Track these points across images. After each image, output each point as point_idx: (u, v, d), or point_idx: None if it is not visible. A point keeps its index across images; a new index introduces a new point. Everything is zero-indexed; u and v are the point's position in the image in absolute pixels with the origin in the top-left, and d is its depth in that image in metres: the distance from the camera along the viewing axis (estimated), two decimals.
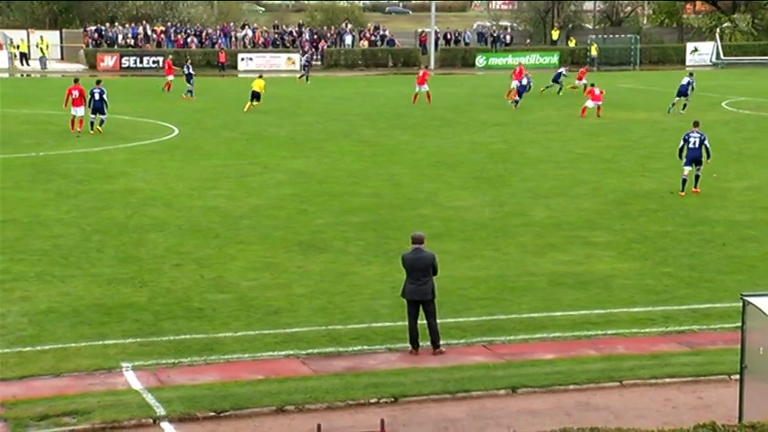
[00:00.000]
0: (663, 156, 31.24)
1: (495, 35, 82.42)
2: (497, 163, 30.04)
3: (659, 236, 20.59)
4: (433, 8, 77.75)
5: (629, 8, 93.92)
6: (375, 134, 36.67)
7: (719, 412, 10.76)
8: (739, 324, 10.29)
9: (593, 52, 77.21)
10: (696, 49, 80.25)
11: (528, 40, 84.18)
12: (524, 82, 46.67)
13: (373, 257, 18.76)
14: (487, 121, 40.45)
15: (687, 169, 24.90)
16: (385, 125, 39.38)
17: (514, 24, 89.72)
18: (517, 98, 45.82)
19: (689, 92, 43.58)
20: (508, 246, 19.77)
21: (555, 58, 75.58)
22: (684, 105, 43.66)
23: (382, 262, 18.34)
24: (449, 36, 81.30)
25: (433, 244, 14.24)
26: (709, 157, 24.89)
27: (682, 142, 25.12)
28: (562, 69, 51.95)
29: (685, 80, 44.45)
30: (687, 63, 78.97)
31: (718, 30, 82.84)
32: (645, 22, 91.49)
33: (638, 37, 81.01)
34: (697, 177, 25.08)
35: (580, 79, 52.59)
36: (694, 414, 11.10)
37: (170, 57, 58.20)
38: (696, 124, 25.52)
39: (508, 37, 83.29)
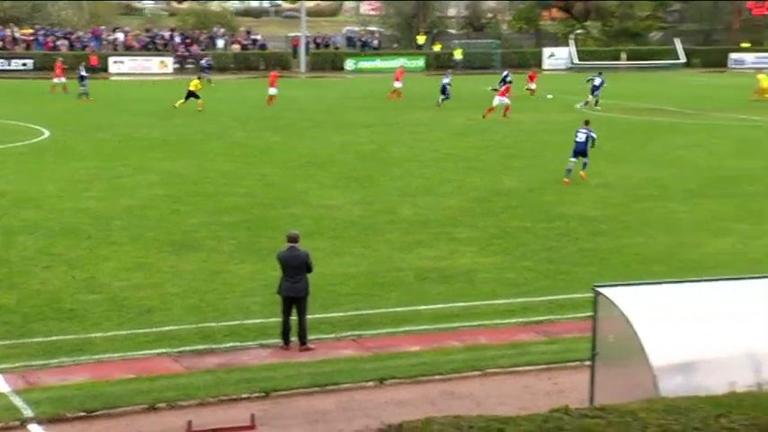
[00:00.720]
0: (523, 155, 31.92)
1: (363, 39, 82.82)
2: (367, 163, 30.14)
3: (519, 231, 21.00)
4: (303, 13, 77.63)
5: (490, 14, 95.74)
6: (247, 136, 36.32)
7: (573, 397, 11.03)
8: (591, 313, 10.56)
9: (458, 56, 78.31)
10: (553, 54, 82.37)
11: (395, 45, 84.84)
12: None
13: (246, 256, 18.57)
14: (357, 123, 40.55)
15: (572, 160, 26.98)
16: (256, 127, 39.04)
17: (382, 29, 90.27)
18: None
19: (599, 91, 47.50)
20: (377, 243, 19.86)
21: (421, 62, 76.43)
22: (597, 102, 47.34)
23: (254, 260, 18.17)
24: (319, 40, 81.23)
25: (304, 242, 14.18)
26: (593, 145, 27.35)
27: (574, 136, 27.61)
28: (447, 79, 50.72)
29: (597, 80, 47.85)
30: (544, 67, 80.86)
31: (572, 36, 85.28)
32: (505, 27, 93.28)
33: (499, 42, 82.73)
34: (585, 164, 27.16)
35: (531, 82, 53.52)
36: (550, 399, 11.35)
37: (60, 59, 56.27)
38: (587, 123, 27.98)
39: (376, 41, 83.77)
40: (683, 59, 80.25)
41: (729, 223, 21.67)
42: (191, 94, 44.21)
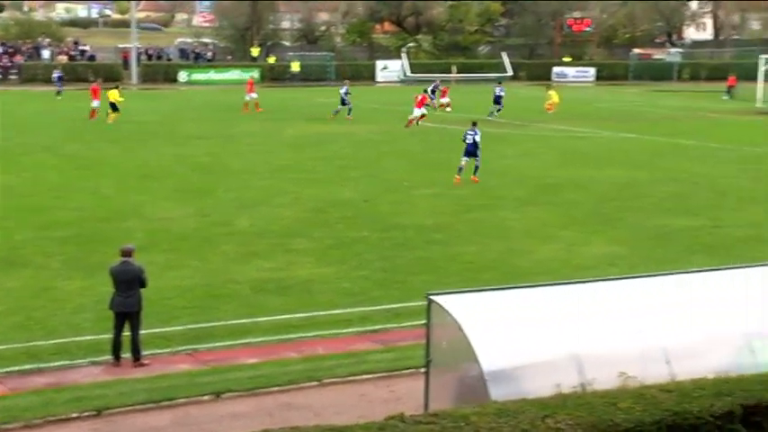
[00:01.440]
0: (358, 165, 32.11)
1: (197, 51, 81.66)
2: (203, 175, 29.67)
3: (355, 241, 21.07)
4: (134, 24, 75.87)
5: (323, 27, 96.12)
6: (80, 148, 35.16)
7: (409, 404, 11.11)
8: (425, 321, 10.67)
9: (295, 68, 78.27)
10: (386, 67, 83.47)
11: (229, 57, 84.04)
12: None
13: (75, 271, 17.92)
14: (192, 135, 39.90)
15: (464, 160, 28.55)
16: (89, 139, 37.86)
17: (216, 41, 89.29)
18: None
19: (501, 100, 49.49)
20: (213, 255, 19.54)
21: (256, 74, 75.92)
22: (498, 110, 49.08)
23: (85, 276, 17.54)
24: (151, 52, 79.55)
25: (138, 256, 13.78)
26: (478, 148, 28.70)
27: (462, 137, 29.19)
28: (344, 89, 49.68)
29: (498, 90, 50.05)
30: (378, 79, 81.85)
31: (404, 49, 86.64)
32: (339, 40, 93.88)
33: (333, 54, 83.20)
34: (476, 168, 28.50)
35: (444, 97, 53.40)
36: (387, 407, 11.39)
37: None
38: (474, 123, 29.64)
39: (210, 53, 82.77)
40: (510, 72, 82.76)
41: (556, 230, 22.40)
42: (112, 106, 43.06)
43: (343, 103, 48.07)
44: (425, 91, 49.35)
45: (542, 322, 10.10)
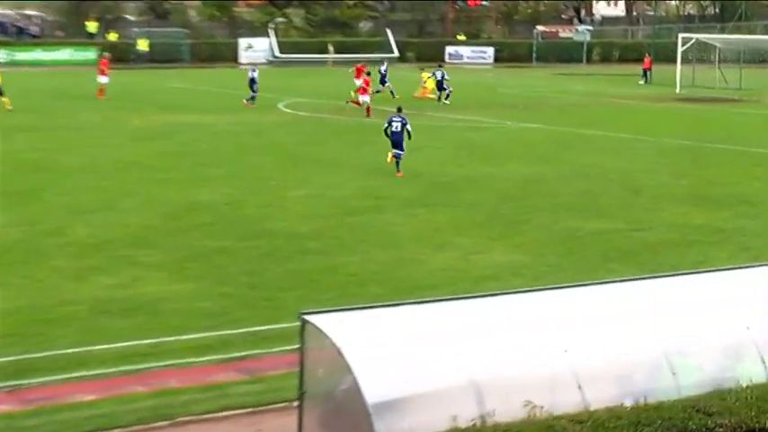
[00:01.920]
0: (219, 162, 31.81)
1: (19, 26, 79.64)
2: (28, 175, 28.96)
3: (216, 252, 20.82)
4: None
5: None
6: None
7: None
8: (299, 345, 10.56)
9: (143, 47, 77.06)
10: (250, 46, 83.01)
11: (60, 32, 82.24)
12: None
13: None
14: (14, 126, 38.88)
15: (395, 151, 29.57)
16: None
17: (43, 14, 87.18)
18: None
19: (445, 84, 51.21)
20: (42, 271, 19.03)
21: (92, 54, 74.40)
22: (447, 96, 50.71)
23: None
24: None
25: None
26: (410, 138, 29.80)
27: (386, 125, 30.05)
28: (253, 73, 49.07)
29: (438, 74, 51.33)
30: (241, 60, 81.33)
31: (271, 25, 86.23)
32: (194, 14, 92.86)
33: (188, 31, 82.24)
34: (398, 161, 29.51)
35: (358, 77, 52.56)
36: None
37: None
38: (399, 110, 30.67)
39: (36, 28, 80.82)
40: (395, 53, 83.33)
41: (451, 236, 22.57)
42: None
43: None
44: (369, 74, 48.74)
45: (436, 344, 10.11)
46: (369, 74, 48.57)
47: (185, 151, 34.26)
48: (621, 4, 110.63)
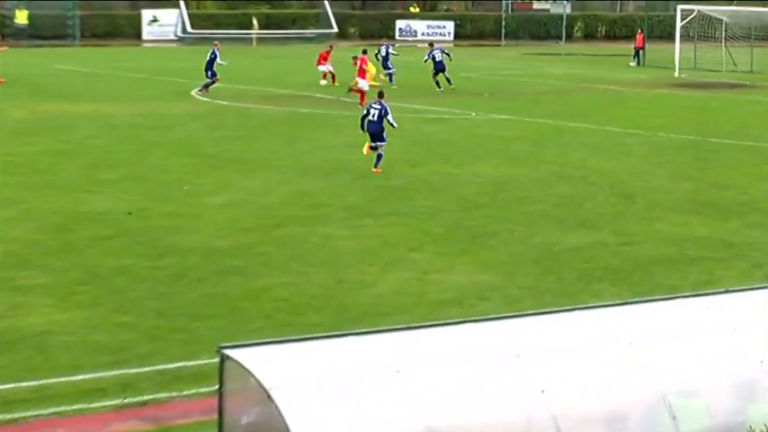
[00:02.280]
0: (117, 163, 31.68)
1: None
2: None
3: (114, 273, 20.73)
4: None
5: None
6: None
7: None
8: (218, 387, 10.54)
9: (22, 21, 76.46)
10: (156, 19, 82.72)
11: None
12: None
13: None
14: None
15: (373, 144, 30.79)
16: None
17: None
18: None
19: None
20: None
21: None
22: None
23: None
24: None
25: None
26: (393, 127, 31.11)
27: (364, 111, 31.75)
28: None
29: (438, 54, 51.88)
30: (144, 37, 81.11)
31: None
32: None
33: (77, 2, 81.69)
34: (379, 157, 30.55)
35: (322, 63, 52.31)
36: None
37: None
38: (381, 95, 32.08)
39: None
40: (334, 28, 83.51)
41: (405, 252, 22.65)
42: None
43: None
44: (365, 52, 49.37)
45: (386, 384, 10.14)
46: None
47: (77, 149, 34.10)
48: None
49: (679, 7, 66.58)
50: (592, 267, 21.77)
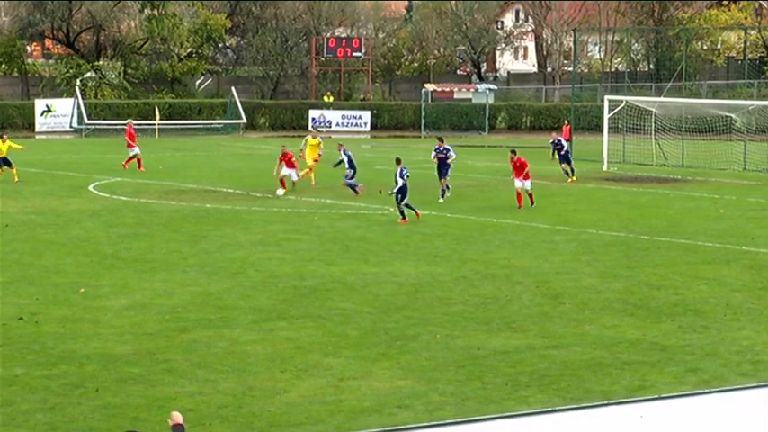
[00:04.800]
0: (7, 263, 31.50)
1: None
2: None
3: (4, 383, 20.55)
4: None
5: None
6: None
7: None
8: None
9: None
10: (50, 109, 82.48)
11: None
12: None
13: None
14: None
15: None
16: None
17: None
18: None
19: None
20: None
21: None
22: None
23: None
24: None
25: None
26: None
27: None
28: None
29: (453, 153, 49.18)
30: (38, 128, 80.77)
31: (78, 82, 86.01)
32: None
33: None
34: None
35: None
36: None
37: None
38: (399, 161, 40.49)
39: None
40: (242, 118, 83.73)
41: (319, 357, 22.66)
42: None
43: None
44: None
45: None
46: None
47: None
48: (533, 57, 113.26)
49: (606, 98, 67.56)
50: (518, 372, 21.89)
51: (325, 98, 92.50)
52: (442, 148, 49.46)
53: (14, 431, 18.13)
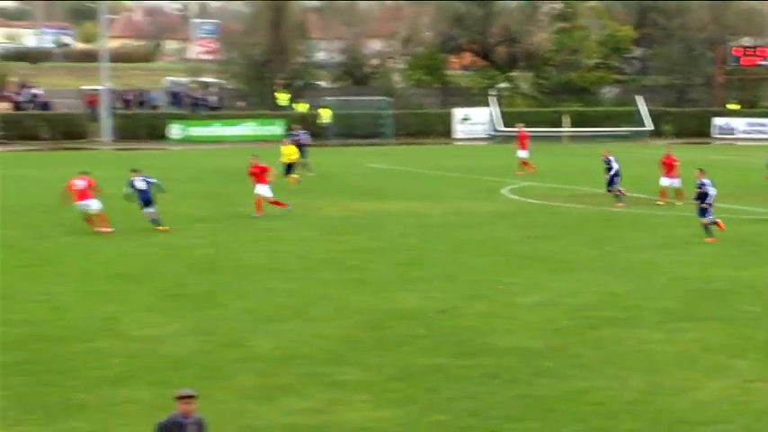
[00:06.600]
0: (428, 261, 32.22)
1: (195, 96, 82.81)
2: (203, 275, 30.02)
3: (428, 371, 21.07)
4: (105, 57, 77.13)
5: (375, 61, 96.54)
6: (23, 235, 35.84)
7: None
8: None
9: (326, 119, 78.70)
10: (467, 117, 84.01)
11: (241, 103, 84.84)
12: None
13: (24, 415, 18.16)
14: (188, 216, 40.45)
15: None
16: (38, 222, 38.61)
17: (222, 81, 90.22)
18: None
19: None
20: (221, 390, 19.67)
21: (278, 128, 76.26)
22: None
23: (41, 420, 17.77)
24: (129, 97, 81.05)
25: (115, 391, 13.86)
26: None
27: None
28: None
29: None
30: (456, 135, 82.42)
31: (493, 92, 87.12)
32: (398, 79, 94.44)
33: (390, 100, 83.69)
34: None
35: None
36: None
37: None
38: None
39: (214, 98, 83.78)
40: (648, 126, 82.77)
41: (726, 358, 22.22)
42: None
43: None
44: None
45: None
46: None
47: (388, 247, 34.82)
48: None
49: None
50: None
51: (730, 106, 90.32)
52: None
53: (439, 416, 18.57)
